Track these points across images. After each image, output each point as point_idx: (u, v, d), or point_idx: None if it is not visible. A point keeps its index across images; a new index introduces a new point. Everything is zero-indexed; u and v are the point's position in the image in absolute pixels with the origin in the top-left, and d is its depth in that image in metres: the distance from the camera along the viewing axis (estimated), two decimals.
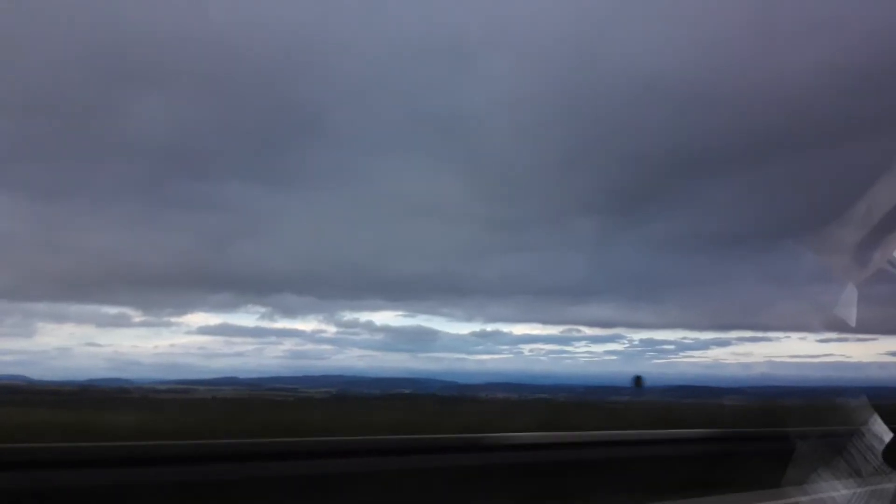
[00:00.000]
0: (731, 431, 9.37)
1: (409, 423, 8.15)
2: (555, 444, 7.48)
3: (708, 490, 7.30)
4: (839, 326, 3.03)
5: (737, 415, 13.23)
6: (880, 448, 3.46)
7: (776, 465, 4.26)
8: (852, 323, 2.95)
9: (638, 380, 15.54)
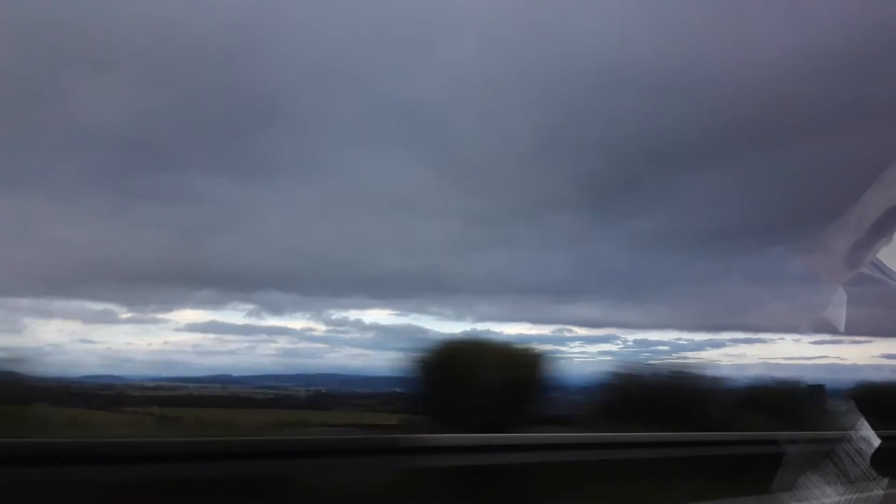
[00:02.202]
0: (720, 435, 9.34)
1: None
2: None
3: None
4: (831, 328, 2.99)
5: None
6: (869, 452, 3.43)
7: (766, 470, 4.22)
8: (842, 326, 2.91)
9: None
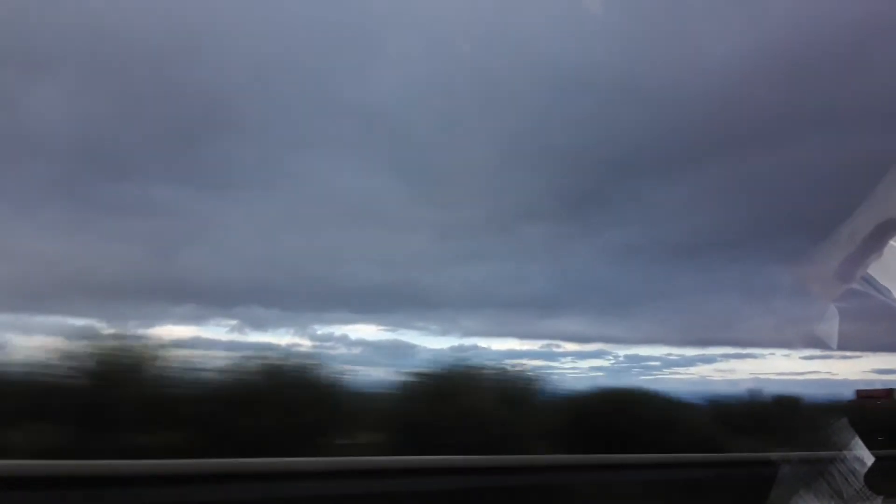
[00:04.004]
0: (712, 457, 9.24)
1: None
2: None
3: None
4: (821, 343, 2.95)
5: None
6: (862, 471, 3.39)
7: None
8: (832, 341, 2.88)
9: None
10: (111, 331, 8.61)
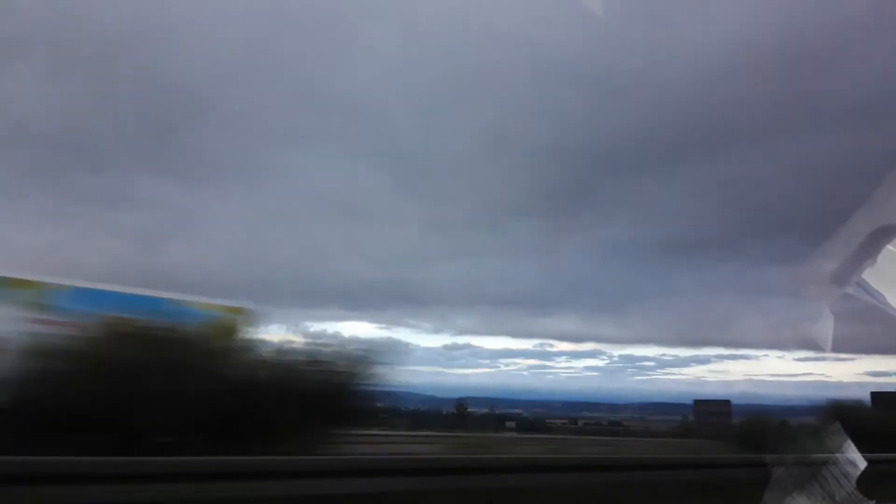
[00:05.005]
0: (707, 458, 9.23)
1: None
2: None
3: None
4: (815, 345, 2.96)
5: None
6: (855, 475, 3.40)
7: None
8: (826, 343, 2.88)
9: None
10: None
